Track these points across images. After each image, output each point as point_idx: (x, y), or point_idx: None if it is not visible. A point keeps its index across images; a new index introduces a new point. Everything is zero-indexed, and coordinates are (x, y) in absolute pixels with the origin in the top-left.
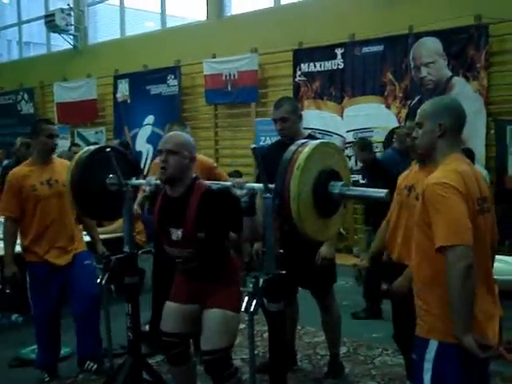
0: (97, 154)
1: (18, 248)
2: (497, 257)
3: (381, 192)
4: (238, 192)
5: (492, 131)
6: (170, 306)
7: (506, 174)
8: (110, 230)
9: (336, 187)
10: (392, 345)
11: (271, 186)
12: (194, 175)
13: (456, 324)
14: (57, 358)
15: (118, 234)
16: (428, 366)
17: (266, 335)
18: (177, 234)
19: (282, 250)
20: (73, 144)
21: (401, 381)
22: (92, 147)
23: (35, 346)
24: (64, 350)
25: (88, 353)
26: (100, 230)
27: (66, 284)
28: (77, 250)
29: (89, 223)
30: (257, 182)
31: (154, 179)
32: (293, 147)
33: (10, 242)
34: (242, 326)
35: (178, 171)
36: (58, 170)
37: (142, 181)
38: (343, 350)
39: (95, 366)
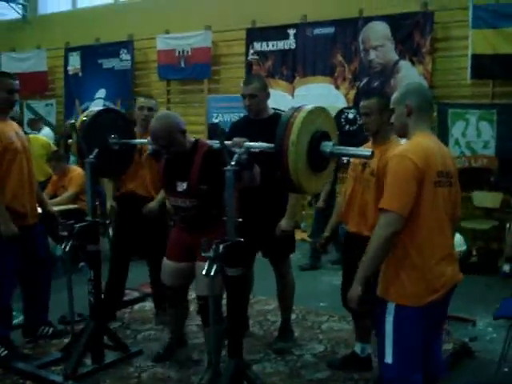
0: (98, 117)
1: None
2: None
3: (367, 151)
4: (238, 150)
5: (435, 114)
6: (166, 263)
7: None
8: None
9: (327, 146)
10: (338, 312)
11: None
12: (196, 138)
13: (358, 272)
14: (11, 328)
15: (71, 206)
16: (389, 328)
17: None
18: (182, 186)
19: (240, 219)
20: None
21: (345, 344)
22: (92, 111)
23: None
24: (19, 318)
25: (40, 319)
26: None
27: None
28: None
29: None
30: None
31: None
32: (289, 112)
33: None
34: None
35: (178, 149)
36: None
37: (144, 140)
38: (292, 316)
39: (51, 330)
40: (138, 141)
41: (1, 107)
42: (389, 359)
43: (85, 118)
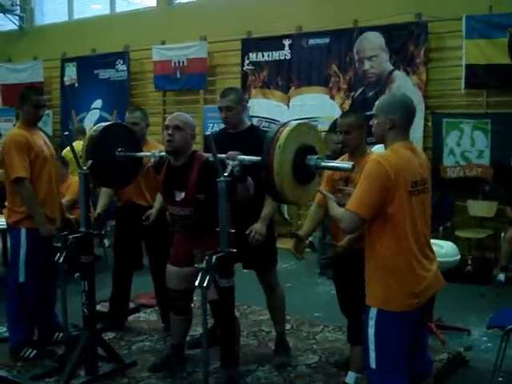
0: (106, 131)
1: None
2: (432, 241)
3: (348, 164)
4: (231, 162)
5: (429, 123)
6: (171, 268)
7: (441, 163)
8: None
9: (312, 160)
10: (332, 322)
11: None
12: (193, 149)
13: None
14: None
15: None
16: (371, 332)
17: None
18: (180, 195)
19: (233, 230)
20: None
21: (340, 354)
22: (101, 125)
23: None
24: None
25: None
26: None
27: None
28: None
29: None
30: None
31: (157, 152)
32: (275, 127)
33: (36, 202)
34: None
35: (182, 144)
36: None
37: (147, 153)
38: (287, 326)
39: (61, 335)
40: (142, 154)
41: (29, 120)
42: (373, 364)
43: (94, 133)
